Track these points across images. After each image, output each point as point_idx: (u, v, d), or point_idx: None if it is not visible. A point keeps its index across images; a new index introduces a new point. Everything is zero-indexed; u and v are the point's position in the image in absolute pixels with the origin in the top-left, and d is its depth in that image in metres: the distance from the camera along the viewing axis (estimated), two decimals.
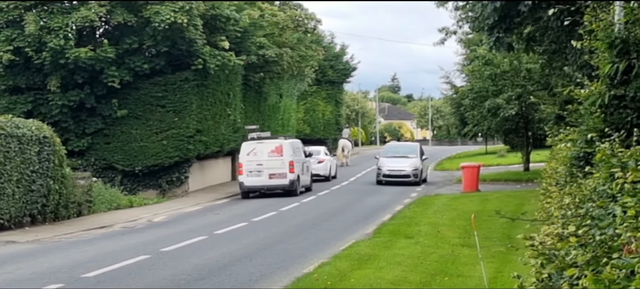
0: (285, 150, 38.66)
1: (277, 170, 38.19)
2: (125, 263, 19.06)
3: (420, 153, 46.81)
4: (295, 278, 16.39)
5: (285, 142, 39.86)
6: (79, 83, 39.10)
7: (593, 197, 7.78)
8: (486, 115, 47.15)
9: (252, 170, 38.33)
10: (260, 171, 38.20)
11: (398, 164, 44.84)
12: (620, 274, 4.88)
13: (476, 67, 46.54)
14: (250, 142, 39.52)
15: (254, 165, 38.37)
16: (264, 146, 38.94)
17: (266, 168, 38.21)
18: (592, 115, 10.86)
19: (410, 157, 45.88)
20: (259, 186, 38.78)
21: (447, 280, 15.68)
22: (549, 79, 32.83)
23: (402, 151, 48.09)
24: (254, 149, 38.83)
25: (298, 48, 51.03)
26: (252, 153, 38.69)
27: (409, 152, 47.29)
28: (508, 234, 21.20)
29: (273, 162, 38.22)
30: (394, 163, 44.95)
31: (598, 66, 11.34)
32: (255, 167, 38.32)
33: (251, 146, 39.09)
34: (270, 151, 38.56)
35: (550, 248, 6.73)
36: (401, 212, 29.72)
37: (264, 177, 38.30)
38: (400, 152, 47.49)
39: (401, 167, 44.60)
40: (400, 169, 44.42)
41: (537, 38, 26.53)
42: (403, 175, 44.21)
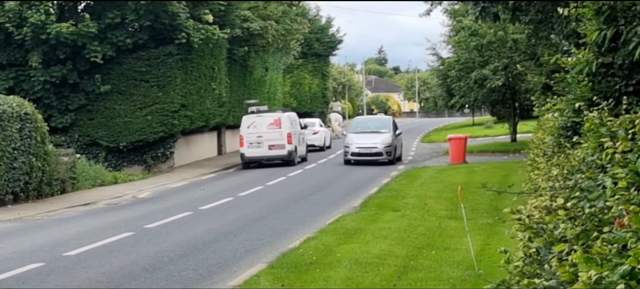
0: (283, 122, 40.97)
1: (276, 142, 40.69)
2: (108, 240, 18.81)
3: (393, 127, 41.01)
4: (281, 253, 16.17)
5: (283, 115, 42.25)
6: (61, 59, 38.66)
7: (582, 168, 7.55)
8: (473, 86, 46.96)
9: (252, 142, 40.68)
10: (260, 143, 40.63)
11: (368, 140, 39.69)
12: (612, 249, 4.64)
13: (462, 38, 46.23)
14: (250, 116, 41.71)
15: (254, 137, 40.68)
16: (263, 119, 41.23)
17: (266, 139, 40.71)
18: (579, 84, 10.62)
19: (382, 132, 40.38)
20: (259, 156, 40.95)
21: (434, 253, 15.48)
22: (535, 49, 32.57)
23: (372, 126, 42.12)
24: (253, 122, 41.02)
25: (283, 21, 50.64)
26: (252, 126, 40.86)
27: (380, 127, 41.50)
28: (495, 206, 21.03)
29: (272, 134, 40.63)
30: (363, 140, 39.73)
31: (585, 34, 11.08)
32: (256, 139, 40.65)
33: (251, 119, 41.30)
34: (269, 124, 40.86)
35: (538, 222, 6.50)
36: (388, 185, 29.52)
37: (263, 148, 40.69)
38: (371, 127, 41.58)
39: (372, 144, 39.44)
40: (370, 146, 39.34)
41: (523, 7, 26.21)
42: (374, 152, 39.23)
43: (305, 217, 22.14)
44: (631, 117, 7.19)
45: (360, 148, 39.49)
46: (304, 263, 14.93)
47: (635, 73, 9.80)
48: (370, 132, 40.79)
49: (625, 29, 9.75)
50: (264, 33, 47.22)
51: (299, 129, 43.76)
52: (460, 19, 47.57)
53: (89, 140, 40.11)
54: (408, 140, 61.26)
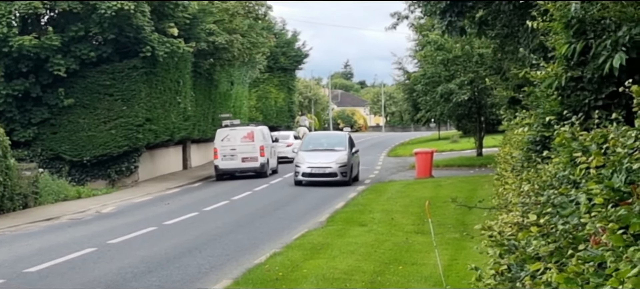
0: (256, 136, 42.33)
1: (249, 154, 41.86)
2: (70, 256, 18.50)
3: (349, 144, 37.80)
4: (246, 269, 15.97)
5: (256, 128, 43.68)
6: (23, 72, 38.19)
7: (554, 183, 7.41)
8: (439, 101, 47.00)
9: (226, 154, 41.84)
10: (233, 155, 41.79)
11: (321, 159, 36.25)
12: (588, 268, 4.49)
13: (428, 52, 46.29)
14: (224, 129, 42.93)
15: (227, 149, 41.84)
16: (237, 132, 42.52)
17: (239, 152, 41.85)
18: (548, 98, 10.51)
19: (336, 150, 36.97)
20: (233, 168, 42.12)
21: (402, 269, 15.34)
22: (501, 63, 32.65)
23: (326, 143, 38.67)
24: (227, 135, 42.26)
25: (249, 35, 50.40)
26: (226, 139, 42.08)
27: (335, 144, 38.13)
28: (462, 220, 20.95)
29: (245, 147, 41.88)
30: (316, 159, 36.33)
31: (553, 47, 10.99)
32: (229, 152, 41.79)
33: (225, 132, 42.53)
34: (242, 137, 42.15)
35: (510, 238, 6.34)
36: (355, 199, 29.38)
37: (237, 160, 41.84)
38: (325, 144, 38.23)
39: (325, 163, 35.99)
40: (323, 166, 35.90)
41: (489, 22, 26.26)
42: (328, 172, 35.81)
43: (271, 232, 21.94)
44: (603, 132, 7.07)
45: (312, 168, 36.01)
46: (270, 279, 14.73)
47: (605, 87, 9.71)
48: (324, 149, 37.25)
49: (595, 43, 9.67)
50: (230, 47, 46.97)
51: (270, 142, 44.81)
52: (426, 33, 47.63)
53: (52, 154, 39.62)
54: (374, 154, 61.32)
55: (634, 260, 4.25)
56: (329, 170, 35.91)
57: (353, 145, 38.60)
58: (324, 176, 35.84)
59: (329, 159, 36.27)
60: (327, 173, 35.86)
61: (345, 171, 36.05)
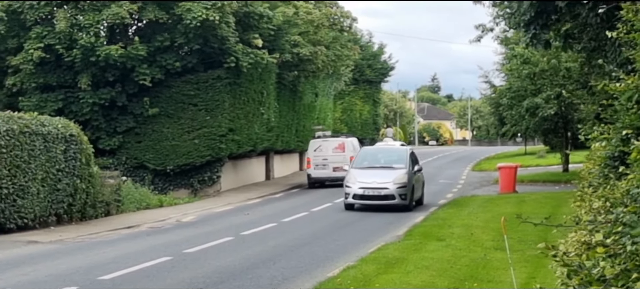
0: (347, 147, 44.77)
1: (340, 164, 43.23)
2: (145, 264, 18.49)
3: (411, 161, 32.51)
4: (318, 282, 15.73)
5: (346, 140, 46.29)
6: (110, 81, 38.74)
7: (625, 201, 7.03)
8: (524, 115, 46.20)
9: (318, 163, 44.43)
10: (325, 165, 44.28)
11: (376, 178, 31.10)
12: None
13: (514, 65, 45.56)
14: (317, 140, 46.00)
15: (320, 159, 44.45)
16: (329, 143, 45.27)
17: (330, 162, 44.21)
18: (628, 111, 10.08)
19: (395, 168, 31.72)
20: (324, 177, 44.47)
21: (476, 286, 14.94)
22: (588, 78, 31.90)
23: (383, 159, 33.34)
24: (320, 146, 45.03)
25: (333, 47, 50.36)
26: (318, 149, 44.85)
27: (394, 161, 32.71)
28: (544, 237, 20.28)
29: (336, 157, 44.15)
30: (370, 178, 31.19)
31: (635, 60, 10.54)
32: (321, 161, 44.31)
33: (317, 143, 45.41)
34: (334, 148, 44.62)
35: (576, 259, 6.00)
36: (434, 213, 28.97)
37: (328, 170, 44.29)
38: (381, 161, 33.13)
39: (381, 183, 30.86)
40: (379, 186, 30.83)
41: (575, 35, 25.68)
42: (384, 195, 30.71)
43: (347, 245, 21.69)
44: None
45: (365, 189, 30.82)
46: None
47: None
48: (380, 167, 32.23)
49: None
50: (314, 58, 46.97)
51: None
52: (512, 47, 46.91)
53: (136, 162, 40.07)
54: (458, 168, 60.70)
55: None
56: (385, 191, 30.62)
57: (416, 162, 33.54)
58: (379, 199, 30.76)
59: (385, 178, 30.88)
60: (383, 195, 30.63)
61: (404, 194, 30.69)
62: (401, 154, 33.55)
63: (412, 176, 31.49)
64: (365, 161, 33.05)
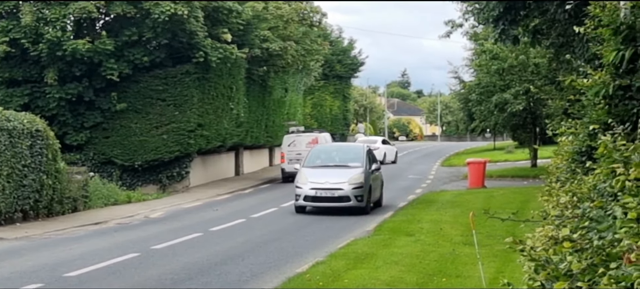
0: (320, 142, 45.26)
1: None
2: (112, 261, 18.34)
3: (368, 160, 29.69)
4: (287, 278, 15.68)
5: (320, 135, 47.58)
6: (77, 76, 38.36)
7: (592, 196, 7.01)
8: (493, 110, 46.41)
9: (292, 158, 45.10)
10: (298, 160, 43.14)
11: (330, 178, 28.33)
12: None
13: (483, 61, 45.73)
14: (290, 135, 47.46)
15: (294, 154, 45.34)
16: (302, 138, 46.48)
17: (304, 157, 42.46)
18: (595, 107, 10.08)
19: (351, 167, 29.14)
20: None
21: (445, 281, 14.94)
22: (556, 73, 32.05)
23: (339, 157, 30.93)
24: (293, 141, 46.40)
25: (303, 42, 50.22)
26: (292, 144, 46.17)
27: (349, 159, 30.25)
28: (512, 232, 20.36)
29: None
30: (322, 177, 28.41)
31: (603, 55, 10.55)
32: (295, 156, 44.80)
33: (291, 138, 46.82)
34: (307, 143, 45.01)
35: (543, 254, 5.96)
36: (404, 209, 29.03)
37: None
38: (337, 159, 30.63)
39: (335, 183, 28.07)
40: (333, 187, 28.00)
41: (543, 31, 25.79)
42: (338, 196, 27.94)
43: (317, 241, 21.66)
44: None
45: (317, 190, 28.02)
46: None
47: None
48: (334, 165, 29.72)
49: None
50: (284, 53, 46.81)
51: None
52: (481, 43, 47.06)
53: (104, 158, 39.74)
54: (428, 163, 60.82)
55: None
56: (339, 192, 27.85)
57: (374, 160, 30.77)
58: (332, 200, 27.98)
59: (340, 178, 28.15)
60: (337, 196, 27.88)
61: (361, 195, 27.98)
62: (357, 152, 30.89)
63: (369, 176, 28.69)
64: (318, 160, 30.33)
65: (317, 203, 28.27)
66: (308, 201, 28.27)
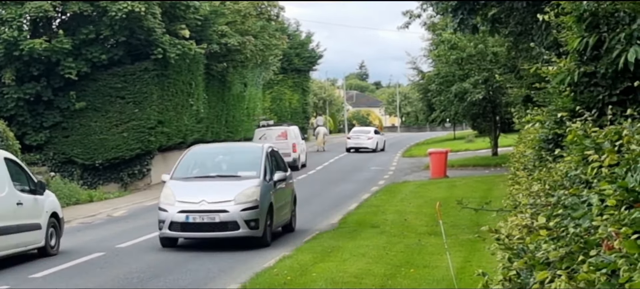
0: (289, 134, 48.31)
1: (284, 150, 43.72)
2: (78, 261, 18.24)
3: (270, 167, 21.05)
4: (255, 273, 15.64)
5: (288, 128, 49.88)
6: (34, 76, 37.99)
7: (565, 183, 7.06)
8: (453, 100, 46.63)
9: None
10: None
11: (209, 196, 19.86)
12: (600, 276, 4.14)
13: (442, 51, 45.89)
14: (261, 129, 49.92)
15: None
16: (272, 132, 48.58)
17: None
18: (560, 94, 10.15)
19: (242, 178, 20.43)
20: None
21: (413, 271, 15.00)
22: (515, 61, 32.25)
23: (226, 164, 21.79)
24: (264, 134, 48.15)
25: (261, 36, 50.11)
26: (263, 137, 47.27)
27: (240, 166, 21.32)
28: (476, 221, 20.54)
29: (280, 144, 43.16)
30: (198, 195, 19.85)
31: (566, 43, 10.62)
32: None
33: (262, 132, 48.97)
34: (277, 136, 47.52)
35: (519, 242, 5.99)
36: (368, 200, 29.08)
37: None
38: (224, 167, 21.61)
39: (216, 203, 19.55)
40: (212, 208, 19.47)
41: (502, 19, 25.90)
42: (220, 223, 19.50)
43: (283, 235, 21.62)
44: (617, 128, 6.72)
45: (189, 214, 19.45)
46: (278, 284, 14.42)
47: (619, 82, 9.34)
48: (217, 176, 20.82)
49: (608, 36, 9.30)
50: (242, 48, 46.69)
51: (301, 140, 50.88)
52: (439, 33, 47.25)
53: (64, 157, 39.39)
54: (389, 155, 60.96)
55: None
56: (222, 216, 19.25)
57: (280, 166, 22.04)
58: (212, 228, 19.48)
59: (223, 195, 19.59)
60: (219, 222, 19.26)
61: (254, 219, 19.33)
62: (253, 155, 21.57)
63: (269, 191, 20.33)
64: (195, 169, 21.39)
65: (189, 233, 19.80)
66: (176, 230, 19.63)
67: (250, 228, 19.49)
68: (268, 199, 20.16)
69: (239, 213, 19.38)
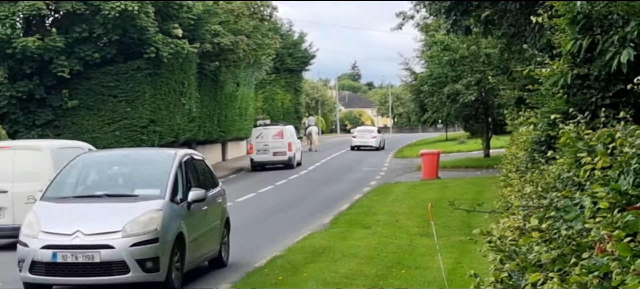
0: (285, 134, 49.55)
1: (279, 149, 48.96)
2: None
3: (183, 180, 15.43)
4: (245, 273, 15.64)
5: (284, 127, 50.92)
6: (27, 74, 37.97)
7: (557, 185, 7.05)
8: (445, 101, 46.68)
9: (260, 149, 49.24)
10: (266, 150, 49.09)
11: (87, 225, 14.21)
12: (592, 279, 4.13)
13: (435, 52, 45.93)
14: (258, 128, 51.36)
15: (261, 145, 49.27)
16: (269, 131, 49.93)
17: (271, 147, 49.06)
18: (553, 96, 10.16)
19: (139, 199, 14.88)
20: (265, 161, 49.14)
21: (404, 272, 14.99)
22: (508, 63, 32.29)
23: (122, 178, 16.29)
24: (261, 133, 49.83)
25: (254, 36, 50.06)
26: (260, 136, 49.58)
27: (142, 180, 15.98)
28: (468, 223, 20.57)
29: (276, 143, 49.04)
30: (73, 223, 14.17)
31: (559, 45, 10.63)
32: (263, 147, 49.10)
33: (259, 130, 50.46)
34: (273, 135, 49.21)
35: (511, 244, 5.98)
36: (359, 201, 29.04)
37: (269, 154, 49.11)
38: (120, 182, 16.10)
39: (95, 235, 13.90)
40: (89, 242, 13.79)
41: (495, 21, 25.94)
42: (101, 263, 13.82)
43: (274, 235, 21.62)
44: (610, 131, 6.71)
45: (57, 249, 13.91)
46: (269, 283, 14.42)
47: (613, 84, 9.35)
48: (105, 196, 15.21)
49: (602, 38, 9.31)
50: (235, 48, 46.65)
51: (296, 139, 52.65)
52: (433, 34, 47.27)
53: None
54: (381, 155, 61.01)
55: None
56: (104, 253, 13.81)
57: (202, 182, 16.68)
58: (90, 271, 13.96)
59: (107, 224, 14.26)
60: (100, 263, 13.82)
61: (151, 258, 14.06)
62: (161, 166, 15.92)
63: (178, 217, 14.93)
64: (79, 185, 15.86)
65: (57, 278, 14.23)
66: (39, 273, 14.13)
67: (145, 270, 13.91)
68: (175, 228, 14.54)
69: (129, 249, 13.83)
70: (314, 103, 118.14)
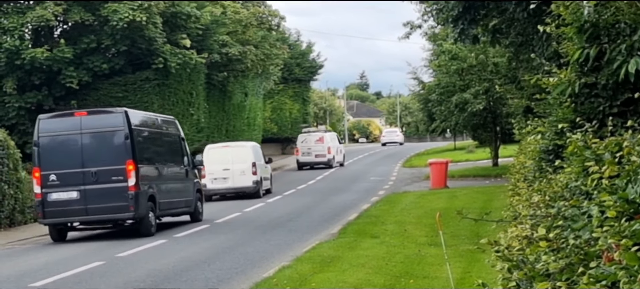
0: (325, 139, 58.24)
1: (320, 152, 57.83)
2: (77, 270, 18.18)
3: None
4: (254, 283, 15.61)
5: (325, 134, 59.91)
6: (36, 85, 38.11)
7: (565, 194, 7.04)
8: (454, 111, 46.54)
9: (304, 152, 58.12)
10: (309, 153, 57.96)
11: None
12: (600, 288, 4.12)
13: (443, 61, 45.84)
14: (303, 134, 60.00)
15: (305, 148, 58.02)
16: (312, 136, 58.74)
17: (314, 150, 57.87)
18: (561, 105, 10.14)
19: None
20: (310, 161, 57.76)
21: (413, 282, 14.94)
22: (516, 72, 32.23)
23: None
24: (305, 139, 58.54)
25: (262, 46, 50.21)
26: (304, 141, 58.32)
27: None
28: (477, 232, 20.50)
29: (318, 147, 57.85)
30: None
31: (566, 54, 10.62)
32: (307, 150, 57.95)
33: (304, 136, 59.11)
34: (316, 140, 58.08)
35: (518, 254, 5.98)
36: (368, 211, 28.97)
37: (312, 156, 57.96)
38: None
39: None
40: None
41: (503, 30, 25.89)
42: None
43: (282, 244, 21.57)
44: (617, 140, 6.71)
45: None
46: None
47: (620, 93, 9.33)
48: None
49: (609, 47, 9.29)
50: (243, 58, 46.76)
51: (337, 144, 61.28)
52: (440, 43, 47.22)
53: None
54: (389, 165, 60.93)
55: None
56: None
57: None
58: None
59: None
60: None
61: None
62: None
63: None
64: None
65: None
66: None
67: None
68: None
69: None
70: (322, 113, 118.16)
